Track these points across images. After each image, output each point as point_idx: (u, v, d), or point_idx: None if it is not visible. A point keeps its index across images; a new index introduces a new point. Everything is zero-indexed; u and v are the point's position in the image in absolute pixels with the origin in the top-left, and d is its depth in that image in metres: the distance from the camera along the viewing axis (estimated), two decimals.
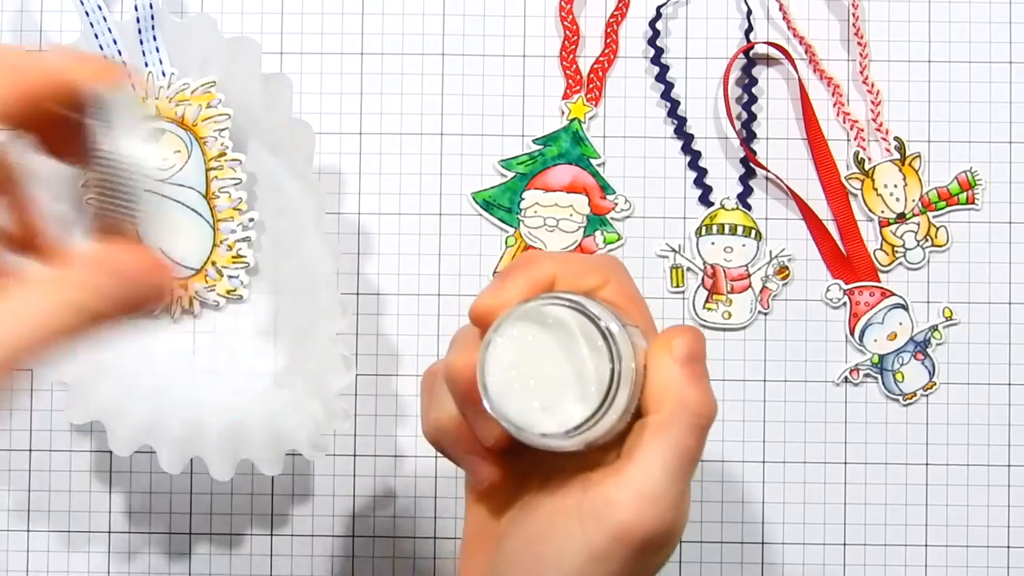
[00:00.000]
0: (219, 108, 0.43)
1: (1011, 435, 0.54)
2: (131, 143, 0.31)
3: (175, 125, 0.43)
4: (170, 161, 0.44)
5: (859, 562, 0.54)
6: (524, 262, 0.36)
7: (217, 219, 0.45)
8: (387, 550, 0.54)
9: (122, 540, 0.54)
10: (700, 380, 0.35)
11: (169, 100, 0.42)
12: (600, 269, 0.37)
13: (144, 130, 0.41)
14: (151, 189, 0.33)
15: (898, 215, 0.55)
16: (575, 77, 0.55)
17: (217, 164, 0.44)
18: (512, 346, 0.34)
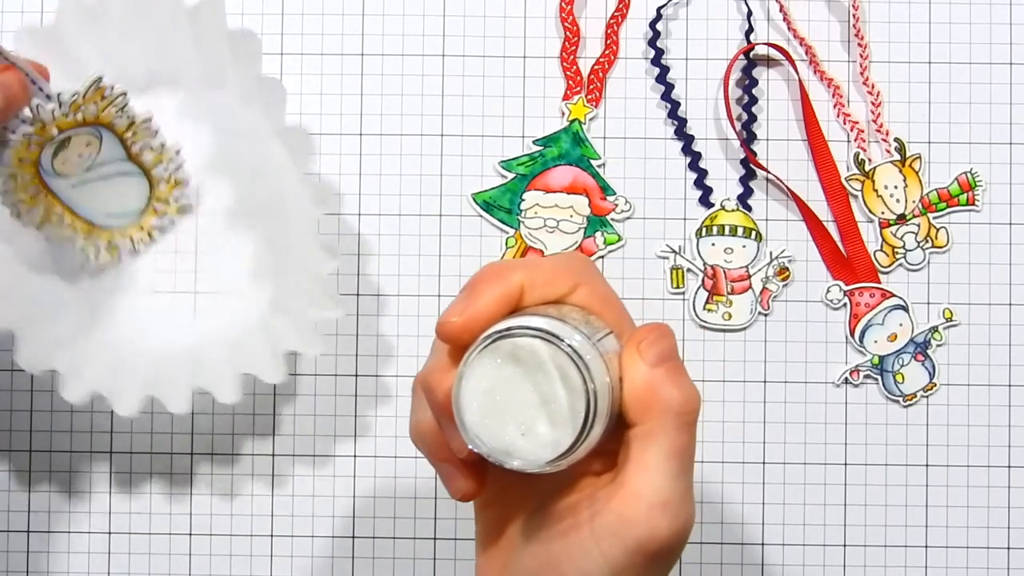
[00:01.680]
0: (113, 94, 0.46)
1: (1011, 436, 0.54)
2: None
3: (76, 128, 0.46)
4: (85, 155, 0.48)
5: (859, 563, 0.54)
6: (490, 275, 0.36)
7: (148, 170, 0.50)
8: (387, 551, 0.54)
9: (122, 540, 0.54)
10: (676, 378, 0.35)
11: (65, 116, 0.45)
12: (568, 273, 0.37)
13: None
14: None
15: (898, 216, 0.55)
16: (575, 78, 0.55)
17: (131, 133, 0.48)
18: (484, 378, 0.34)
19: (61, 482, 0.54)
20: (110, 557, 0.54)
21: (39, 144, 0.45)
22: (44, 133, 0.45)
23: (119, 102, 0.47)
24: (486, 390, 0.34)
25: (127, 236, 0.52)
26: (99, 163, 0.49)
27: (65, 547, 0.54)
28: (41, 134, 0.45)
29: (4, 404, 0.54)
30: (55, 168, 0.47)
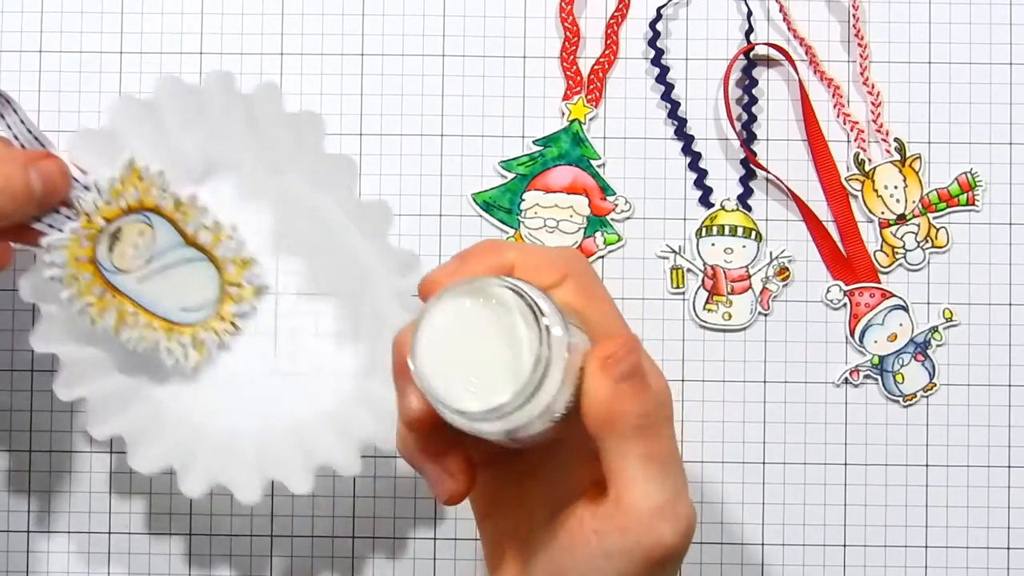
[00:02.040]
0: (151, 174, 0.45)
1: (1011, 437, 0.54)
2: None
3: (124, 216, 0.45)
4: (141, 245, 0.46)
5: (859, 563, 0.54)
6: (485, 247, 0.37)
7: (211, 252, 0.48)
8: (387, 551, 0.54)
9: (122, 540, 0.54)
10: (638, 393, 0.35)
11: (108, 204, 0.44)
12: (559, 265, 0.37)
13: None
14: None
15: (898, 216, 0.55)
16: (575, 78, 0.55)
17: (180, 213, 0.46)
18: (448, 318, 0.34)
19: (61, 482, 0.54)
20: (110, 557, 0.54)
21: (90, 238, 0.44)
22: (91, 225, 0.44)
23: (159, 182, 0.45)
24: (447, 331, 0.34)
25: (210, 329, 0.49)
26: (159, 253, 0.47)
27: (65, 547, 0.54)
28: (89, 227, 0.44)
29: (4, 404, 0.54)
30: (115, 264, 0.46)
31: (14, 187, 0.40)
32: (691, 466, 0.54)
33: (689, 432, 0.54)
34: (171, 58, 0.55)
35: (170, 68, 0.55)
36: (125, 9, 0.55)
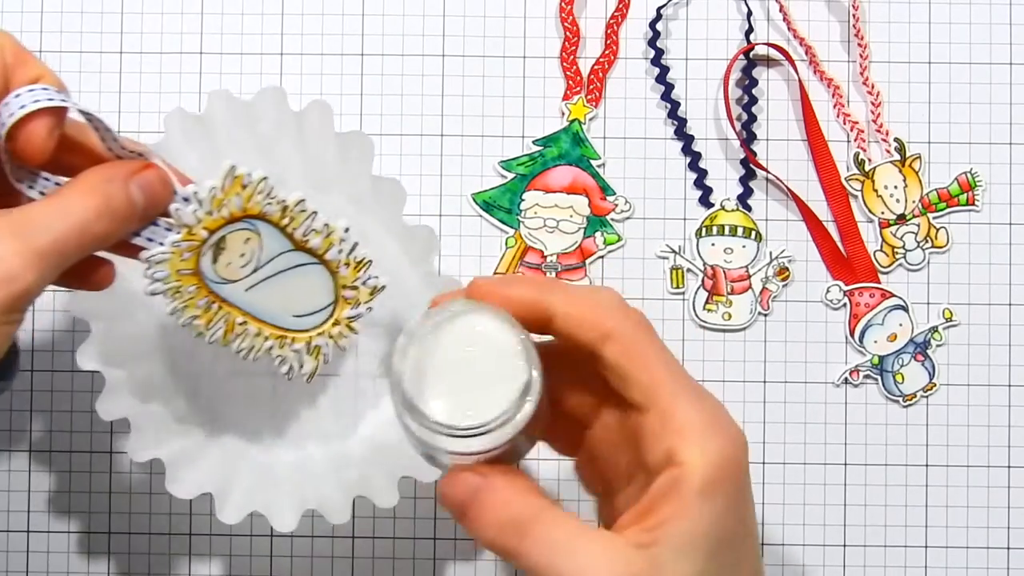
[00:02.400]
0: (254, 181, 0.42)
1: (1011, 437, 0.54)
2: None
3: (227, 225, 0.43)
4: (247, 254, 0.44)
5: (859, 563, 0.54)
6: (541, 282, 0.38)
7: (322, 256, 0.45)
8: (387, 551, 0.54)
9: (122, 540, 0.54)
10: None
11: (210, 214, 0.42)
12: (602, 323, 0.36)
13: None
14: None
15: (898, 216, 0.55)
16: (575, 78, 0.55)
17: (287, 219, 0.44)
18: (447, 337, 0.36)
19: (60, 482, 0.54)
20: (110, 557, 0.54)
21: (192, 250, 0.42)
22: (193, 237, 0.42)
23: (263, 187, 0.42)
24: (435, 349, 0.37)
25: (325, 334, 0.46)
26: (266, 260, 0.44)
27: (65, 547, 0.54)
28: (190, 239, 0.42)
29: (4, 404, 0.54)
30: (220, 274, 0.44)
31: (116, 206, 0.38)
32: None
33: None
34: (171, 58, 0.55)
35: (170, 68, 0.55)
36: (125, 9, 0.55)
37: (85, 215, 0.38)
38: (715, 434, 0.35)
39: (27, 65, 0.38)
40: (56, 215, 0.37)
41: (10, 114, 0.37)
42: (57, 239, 0.37)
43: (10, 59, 0.38)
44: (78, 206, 0.38)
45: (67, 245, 0.37)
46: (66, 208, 0.38)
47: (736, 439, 0.35)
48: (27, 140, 0.37)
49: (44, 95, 0.37)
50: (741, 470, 0.35)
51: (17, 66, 0.38)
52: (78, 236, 0.37)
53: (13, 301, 0.36)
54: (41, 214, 0.37)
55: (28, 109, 0.37)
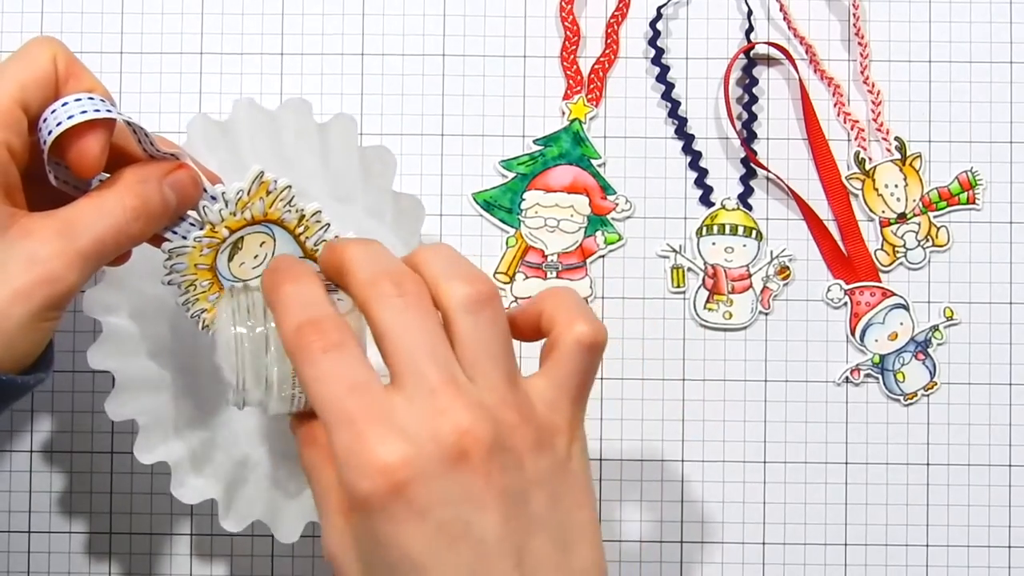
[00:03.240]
0: (278, 188, 0.44)
1: (1012, 435, 0.54)
2: None
3: (247, 227, 0.44)
4: (260, 255, 0.45)
5: (860, 562, 0.54)
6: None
7: None
8: None
9: (123, 541, 0.54)
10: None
11: (233, 215, 0.43)
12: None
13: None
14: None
15: (899, 215, 0.55)
16: (576, 78, 0.55)
17: (302, 228, 0.45)
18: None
19: (62, 483, 0.54)
20: (111, 558, 0.54)
21: (212, 247, 0.44)
22: (215, 235, 0.43)
23: (285, 195, 0.44)
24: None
25: None
26: None
27: (66, 548, 0.54)
28: (212, 235, 0.43)
29: None
30: (232, 272, 0.45)
31: (151, 206, 0.40)
32: (692, 465, 0.54)
33: (690, 431, 0.54)
34: (171, 58, 0.55)
35: (170, 68, 0.55)
36: (125, 9, 0.55)
37: (124, 216, 0.40)
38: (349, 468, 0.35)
39: (79, 76, 0.40)
40: (96, 216, 0.39)
41: (57, 123, 0.38)
42: (96, 239, 0.39)
43: (62, 68, 0.39)
44: (116, 207, 0.39)
45: (106, 245, 0.39)
46: (105, 209, 0.39)
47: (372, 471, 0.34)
48: (80, 155, 0.39)
49: (91, 105, 0.38)
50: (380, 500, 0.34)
51: (69, 77, 0.39)
52: (115, 236, 0.39)
53: (56, 300, 0.38)
54: (82, 215, 0.39)
55: (75, 120, 0.38)
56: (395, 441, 0.34)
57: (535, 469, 0.35)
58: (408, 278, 0.37)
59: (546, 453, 0.36)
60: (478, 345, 0.36)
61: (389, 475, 0.33)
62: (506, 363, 0.36)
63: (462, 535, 0.34)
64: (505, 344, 0.37)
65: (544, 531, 0.35)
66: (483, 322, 0.36)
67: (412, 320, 0.36)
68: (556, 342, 0.38)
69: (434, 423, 0.34)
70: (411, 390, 0.35)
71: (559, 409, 0.37)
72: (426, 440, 0.34)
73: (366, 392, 0.35)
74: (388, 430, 0.34)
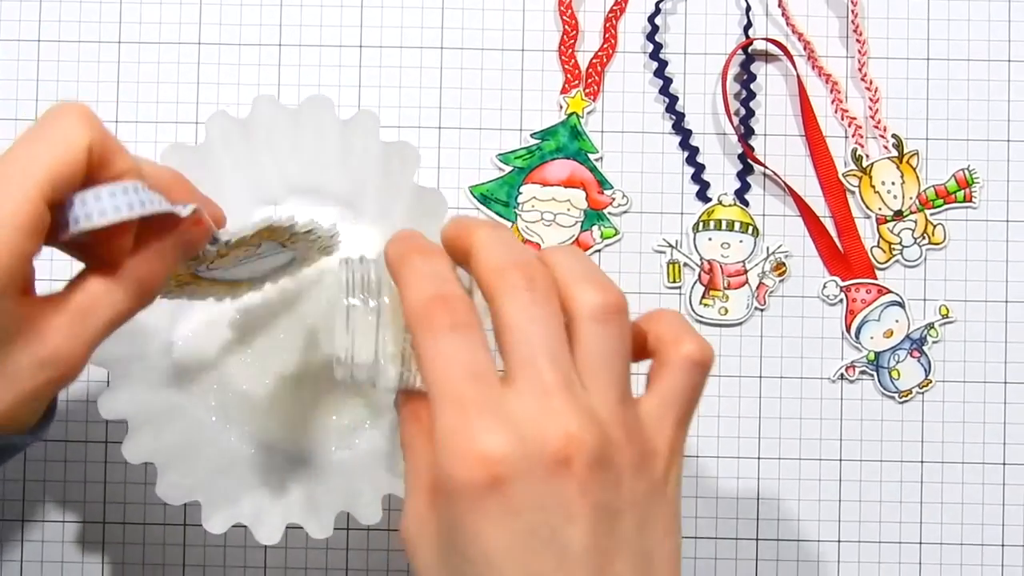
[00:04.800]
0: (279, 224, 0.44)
1: (1006, 433, 0.54)
2: None
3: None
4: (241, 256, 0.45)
5: (853, 559, 0.54)
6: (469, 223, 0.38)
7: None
8: (382, 543, 0.54)
9: (116, 530, 0.54)
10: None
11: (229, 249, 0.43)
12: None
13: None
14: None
15: (895, 212, 0.55)
16: (573, 72, 0.55)
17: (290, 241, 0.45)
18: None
19: (55, 472, 0.54)
20: (104, 547, 0.54)
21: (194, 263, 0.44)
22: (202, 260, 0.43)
23: (285, 227, 0.44)
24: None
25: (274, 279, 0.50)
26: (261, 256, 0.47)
27: (60, 537, 0.54)
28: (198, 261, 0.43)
29: None
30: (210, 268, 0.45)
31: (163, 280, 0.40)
32: (687, 461, 0.54)
33: None
34: (169, 48, 0.55)
35: (168, 58, 0.55)
36: None
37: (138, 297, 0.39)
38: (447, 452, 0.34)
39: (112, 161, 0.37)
40: (109, 302, 0.38)
41: (86, 215, 0.36)
42: (108, 323, 0.38)
43: (96, 155, 0.37)
44: (131, 287, 0.39)
45: (116, 325, 0.39)
46: (119, 294, 0.38)
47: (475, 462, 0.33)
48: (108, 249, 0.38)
49: (124, 201, 0.36)
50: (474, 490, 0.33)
51: (102, 162, 0.37)
52: (127, 315, 0.39)
53: (58, 384, 0.38)
54: (96, 303, 0.38)
55: (108, 220, 0.36)
56: (501, 433, 0.33)
57: (631, 490, 0.34)
58: (540, 273, 0.35)
59: (644, 476, 0.35)
60: (600, 355, 0.35)
61: (489, 467, 0.32)
62: (623, 378, 0.35)
63: (546, 543, 0.33)
64: (625, 359, 0.36)
65: (629, 555, 0.34)
66: (609, 333, 0.35)
67: (538, 316, 0.34)
68: (664, 361, 0.37)
69: (543, 423, 0.33)
70: (525, 386, 0.34)
71: (662, 431, 0.36)
72: (532, 439, 0.33)
73: (483, 380, 0.34)
74: (496, 421, 0.33)
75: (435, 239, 0.48)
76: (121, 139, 0.54)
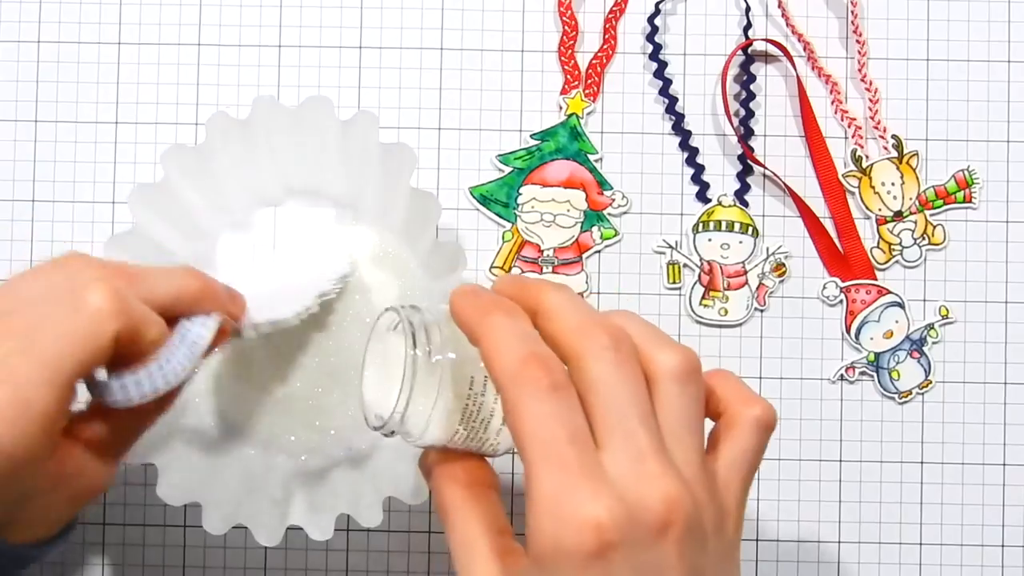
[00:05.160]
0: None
1: (1006, 434, 0.54)
2: None
3: None
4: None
5: (854, 560, 0.54)
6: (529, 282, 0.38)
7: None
8: (382, 544, 0.54)
9: (116, 532, 0.54)
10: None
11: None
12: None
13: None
14: None
15: (895, 213, 0.55)
16: (573, 72, 0.55)
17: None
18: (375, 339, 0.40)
19: None
20: (104, 548, 0.54)
21: None
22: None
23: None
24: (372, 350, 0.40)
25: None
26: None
27: None
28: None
29: None
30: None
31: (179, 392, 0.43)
32: None
33: None
34: (169, 49, 0.55)
35: (168, 59, 0.55)
36: (123, 0, 0.55)
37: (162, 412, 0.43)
38: (554, 517, 0.32)
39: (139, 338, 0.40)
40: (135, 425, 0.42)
41: (112, 401, 0.40)
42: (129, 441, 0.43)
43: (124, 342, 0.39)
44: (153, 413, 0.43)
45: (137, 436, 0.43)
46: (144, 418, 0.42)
47: (583, 526, 0.32)
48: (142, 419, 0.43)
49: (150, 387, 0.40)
50: (582, 557, 0.32)
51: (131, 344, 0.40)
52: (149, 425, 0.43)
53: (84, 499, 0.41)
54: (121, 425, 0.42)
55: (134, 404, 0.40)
56: (607, 499, 0.32)
57: (713, 550, 0.35)
58: (624, 334, 0.35)
59: (722, 535, 0.35)
60: (681, 416, 0.35)
61: (599, 534, 0.32)
62: (701, 438, 0.36)
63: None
64: (702, 419, 0.36)
65: None
66: (689, 393, 0.36)
67: (626, 377, 0.34)
68: (733, 423, 0.37)
69: (642, 488, 0.33)
70: (619, 449, 0.33)
71: (731, 491, 0.37)
72: (633, 504, 0.33)
73: (583, 443, 0.33)
74: (601, 486, 0.32)
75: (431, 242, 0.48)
76: (121, 140, 0.54)
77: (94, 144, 0.55)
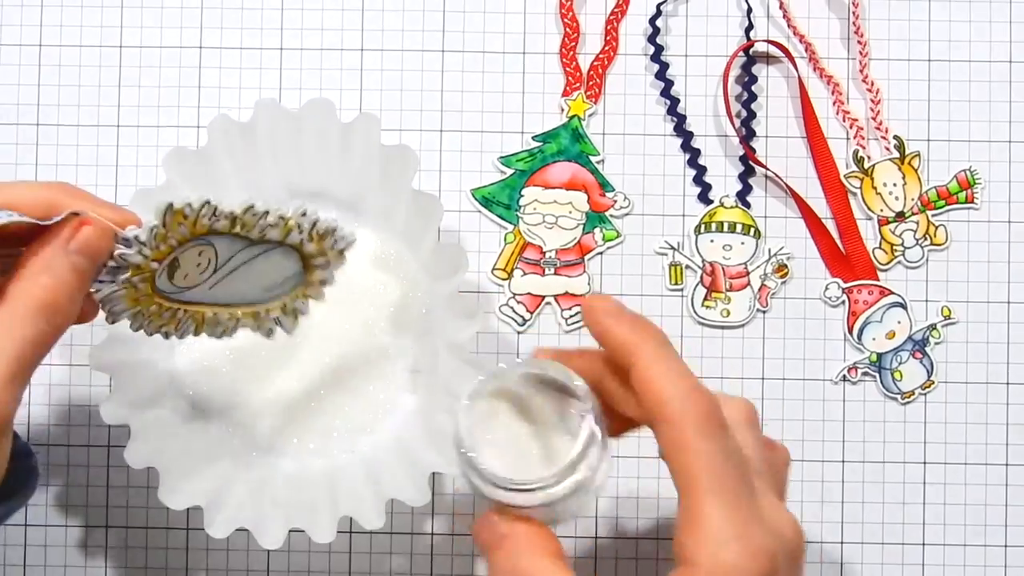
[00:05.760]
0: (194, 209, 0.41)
1: (1008, 434, 0.54)
2: None
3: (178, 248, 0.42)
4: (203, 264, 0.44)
5: (856, 560, 0.54)
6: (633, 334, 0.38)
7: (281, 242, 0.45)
8: (384, 546, 0.54)
9: (119, 535, 0.54)
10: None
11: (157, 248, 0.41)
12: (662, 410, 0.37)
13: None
14: None
15: (897, 214, 0.55)
16: (575, 74, 0.55)
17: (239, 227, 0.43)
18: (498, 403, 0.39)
19: (58, 477, 0.54)
20: (107, 551, 0.54)
21: (145, 280, 0.41)
22: (143, 271, 0.41)
23: (205, 211, 0.41)
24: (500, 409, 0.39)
25: (299, 296, 0.48)
26: (224, 260, 0.44)
27: (62, 541, 0.54)
28: (140, 272, 0.41)
29: None
30: (178, 285, 0.43)
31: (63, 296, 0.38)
32: None
33: None
34: (171, 52, 0.55)
35: (169, 62, 0.55)
36: (125, 3, 0.55)
37: (36, 324, 0.37)
38: (733, 545, 0.35)
39: None
40: (7, 339, 0.37)
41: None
42: (16, 358, 0.37)
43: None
44: (26, 317, 0.37)
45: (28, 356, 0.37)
46: (15, 325, 0.37)
47: (757, 553, 0.35)
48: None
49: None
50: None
51: None
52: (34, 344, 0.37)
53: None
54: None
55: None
56: (770, 531, 0.36)
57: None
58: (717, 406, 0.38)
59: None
60: (758, 458, 0.38)
61: (772, 561, 0.35)
62: None
63: None
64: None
65: None
66: (757, 436, 0.39)
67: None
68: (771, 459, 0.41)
69: (780, 520, 0.37)
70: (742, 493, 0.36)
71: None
72: (779, 535, 0.36)
73: (750, 480, 0.37)
74: (762, 519, 0.36)
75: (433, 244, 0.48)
76: (123, 144, 0.54)
77: (96, 147, 0.55)
